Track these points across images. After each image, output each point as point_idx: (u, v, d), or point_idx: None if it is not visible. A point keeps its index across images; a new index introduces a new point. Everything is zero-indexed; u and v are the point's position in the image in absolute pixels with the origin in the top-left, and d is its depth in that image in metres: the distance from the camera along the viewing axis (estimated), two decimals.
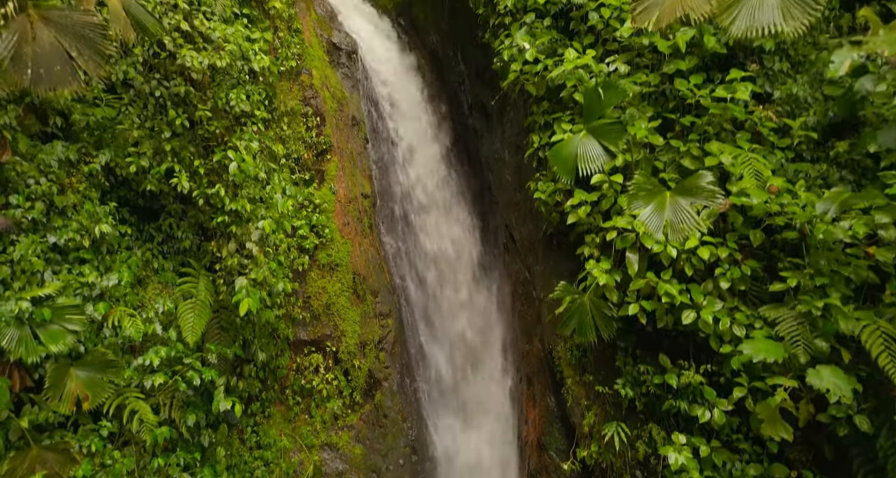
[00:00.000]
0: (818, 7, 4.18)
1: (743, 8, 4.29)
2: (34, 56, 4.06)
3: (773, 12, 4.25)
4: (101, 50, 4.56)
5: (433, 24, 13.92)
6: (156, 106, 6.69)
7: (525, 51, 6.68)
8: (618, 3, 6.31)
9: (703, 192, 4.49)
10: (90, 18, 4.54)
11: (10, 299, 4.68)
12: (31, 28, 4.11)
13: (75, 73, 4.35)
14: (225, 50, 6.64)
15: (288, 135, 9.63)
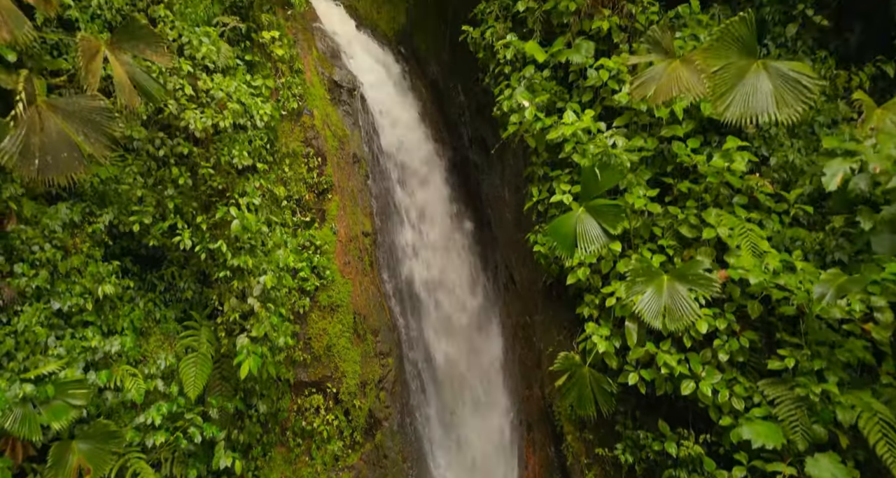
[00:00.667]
0: (811, 96, 4.26)
1: (737, 94, 4.37)
2: (41, 145, 4.14)
3: (767, 99, 4.33)
4: (108, 132, 4.65)
5: (434, 54, 14.07)
6: (159, 164, 6.78)
7: (524, 109, 6.77)
8: (614, 66, 6.41)
9: (700, 280, 4.56)
10: (97, 103, 4.63)
11: (14, 382, 4.74)
12: (40, 118, 4.20)
13: (82, 158, 4.43)
14: (228, 109, 6.74)
15: (289, 176, 9.71)
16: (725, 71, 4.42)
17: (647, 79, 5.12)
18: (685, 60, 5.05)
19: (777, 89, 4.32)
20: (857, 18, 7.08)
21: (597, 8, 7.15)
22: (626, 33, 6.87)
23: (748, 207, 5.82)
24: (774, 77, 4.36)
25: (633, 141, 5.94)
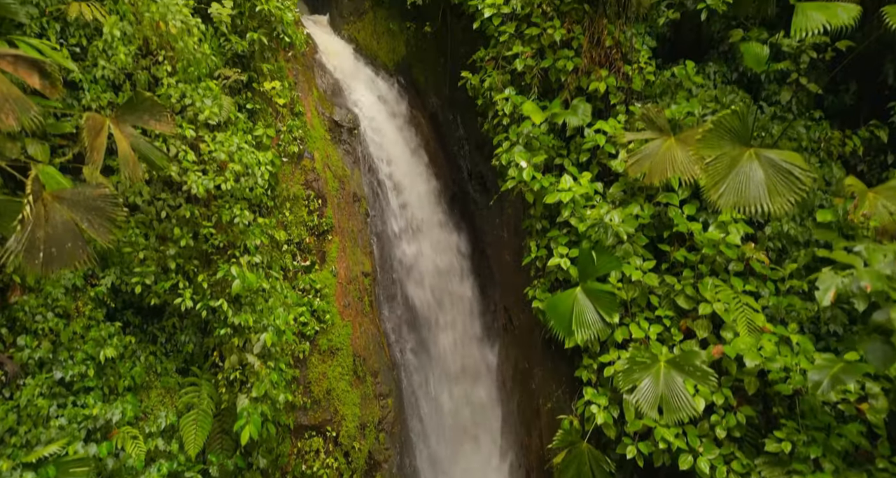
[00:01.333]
0: (804, 187, 4.35)
1: (730, 184, 4.46)
2: (46, 238, 4.22)
3: (760, 189, 4.42)
4: (112, 217, 4.74)
5: (433, 87, 14.18)
6: (160, 221, 6.86)
7: (522, 169, 6.86)
8: (611, 131, 6.51)
9: (697, 372, 4.63)
10: (102, 191, 4.72)
11: (16, 468, 4.80)
12: (45, 211, 4.29)
13: (85, 245, 4.51)
14: (229, 169, 6.84)
15: (290, 220, 9.80)
16: (719, 161, 4.51)
17: (642, 156, 5.21)
18: (680, 140, 5.14)
19: (769, 179, 4.41)
20: (852, 77, 7.19)
21: (593, 67, 7.26)
22: (623, 94, 6.97)
23: (744, 273, 5.90)
24: (767, 167, 4.45)
25: (629, 208, 6.02)
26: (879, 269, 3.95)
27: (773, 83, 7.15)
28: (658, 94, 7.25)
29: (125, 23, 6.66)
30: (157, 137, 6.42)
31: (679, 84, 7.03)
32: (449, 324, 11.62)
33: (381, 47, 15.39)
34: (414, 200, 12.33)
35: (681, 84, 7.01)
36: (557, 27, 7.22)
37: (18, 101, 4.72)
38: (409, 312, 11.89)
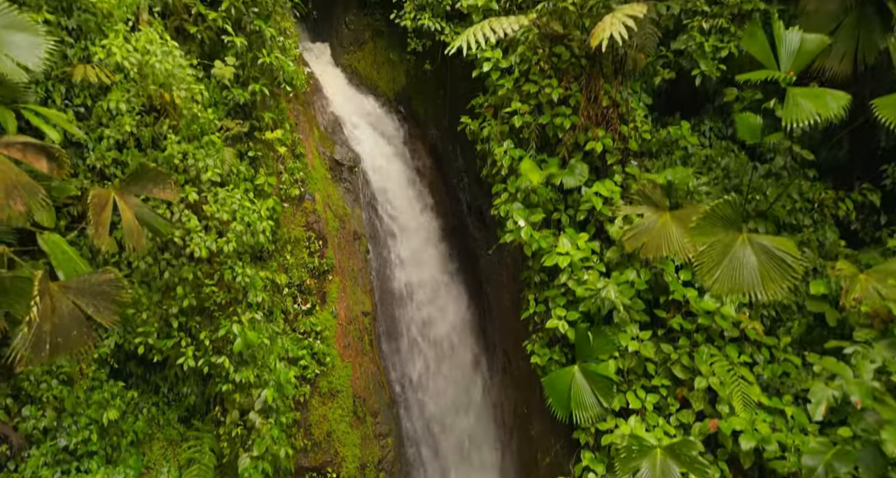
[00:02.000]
0: (796, 275, 4.43)
1: (724, 269, 4.55)
2: (52, 330, 4.31)
3: (754, 275, 4.50)
4: (117, 299, 4.82)
5: (433, 118, 14.29)
6: (164, 285, 6.95)
7: (521, 228, 6.95)
8: (608, 193, 6.60)
9: (696, 464, 4.69)
10: (107, 276, 4.81)
11: None
12: (52, 302, 4.37)
13: (90, 330, 4.60)
14: (232, 230, 6.93)
15: (291, 263, 9.88)
16: (713, 248, 4.60)
17: (638, 231, 5.30)
18: (675, 217, 5.23)
19: (762, 265, 4.50)
20: (846, 137, 7.26)
21: (591, 124, 7.36)
22: (619, 154, 7.06)
23: (739, 340, 5.98)
24: (760, 253, 4.54)
25: (625, 273, 6.10)
26: (868, 381, 4.02)
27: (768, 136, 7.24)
28: (655, 151, 7.36)
29: (129, 83, 6.75)
30: (161, 203, 6.51)
31: (675, 142, 7.13)
32: (448, 359, 11.68)
33: (381, 77, 15.50)
34: (414, 235, 12.42)
35: (676, 143, 7.11)
36: (555, 87, 7.33)
37: (27, 187, 4.82)
38: (408, 346, 11.97)
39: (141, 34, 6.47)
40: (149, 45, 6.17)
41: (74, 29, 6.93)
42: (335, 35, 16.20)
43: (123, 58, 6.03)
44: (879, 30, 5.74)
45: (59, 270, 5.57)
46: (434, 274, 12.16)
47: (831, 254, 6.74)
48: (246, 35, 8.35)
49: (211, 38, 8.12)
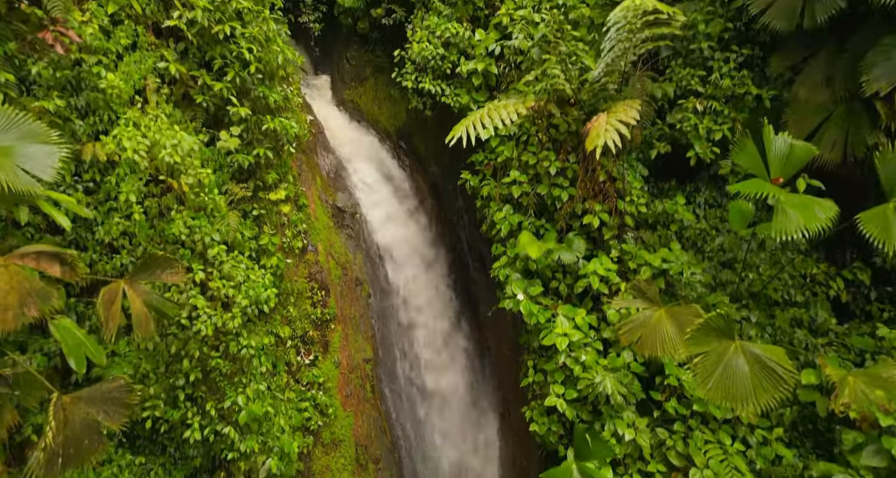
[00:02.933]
0: (788, 386, 4.56)
1: (718, 379, 4.67)
2: (65, 442, 4.43)
3: (746, 385, 4.63)
4: (126, 402, 4.95)
5: (434, 156, 14.40)
6: (171, 358, 7.08)
7: (519, 301, 7.07)
8: (604, 272, 6.72)
9: None
10: (117, 383, 4.94)
11: None
12: (64, 415, 4.50)
13: (101, 435, 4.72)
14: (237, 304, 7.06)
15: (294, 315, 10.00)
16: (707, 358, 4.73)
17: (634, 325, 5.43)
18: (669, 313, 5.36)
19: (755, 375, 4.62)
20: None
21: (588, 194, 7.49)
22: (616, 229, 7.19)
23: (732, 421, 6.10)
24: (752, 362, 4.66)
25: (622, 356, 6.23)
26: None
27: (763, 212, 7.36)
28: (651, 223, 7.48)
29: (137, 156, 6.84)
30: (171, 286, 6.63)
31: (671, 216, 7.26)
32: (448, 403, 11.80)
33: (382, 112, 15.63)
34: (415, 276, 12.55)
35: (672, 217, 7.24)
36: (552, 160, 7.46)
37: (41, 293, 4.95)
38: (409, 386, 12.09)
39: (150, 121, 6.60)
40: (158, 135, 6.29)
41: (83, 106, 7.08)
42: (336, 69, 16.34)
43: (135, 151, 6.16)
44: (868, 126, 5.87)
45: (70, 357, 5.70)
46: (435, 316, 12.28)
47: (821, 329, 6.86)
48: (250, 100, 8.49)
49: (216, 104, 8.25)
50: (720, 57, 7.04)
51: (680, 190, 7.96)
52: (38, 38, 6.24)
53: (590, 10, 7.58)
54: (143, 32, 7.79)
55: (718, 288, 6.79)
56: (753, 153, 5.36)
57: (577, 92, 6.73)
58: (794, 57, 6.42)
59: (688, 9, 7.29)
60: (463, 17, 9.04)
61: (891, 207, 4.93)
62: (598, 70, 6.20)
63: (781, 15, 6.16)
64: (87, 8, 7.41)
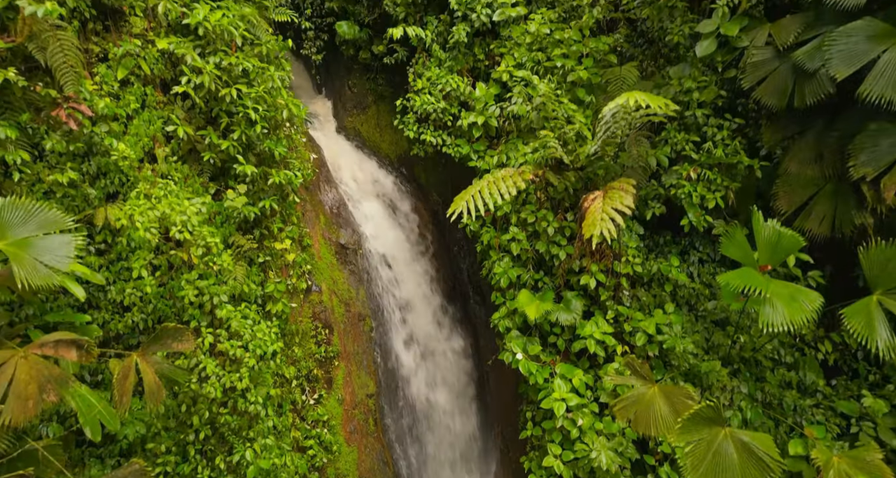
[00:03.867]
0: (774, 474, 4.75)
1: (707, 464, 4.86)
2: None
3: (734, 471, 4.82)
4: None
5: (435, 185, 14.55)
6: (182, 415, 7.27)
7: (518, 360, 7.26)
8: (600, 336, 6.90)
9: None
10: (133, 467, 5.14)
11: None
12: None
13: None
14: (245, 365, 7.25)
15: (299, 355, 10.20)
16: (698, 447, 4.91)
17: (628, 403, 5.61)
18: (662, 391, 5.54)
19: (743, 463, 4.81)
20: (828, 261, 7.54)
21: (585, 251, 7.66)
22: (612, 290, 7.37)
23: None
24: (740, 450, 4.85)
25: (617, 422, 6.42)
26: None
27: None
28: (647, 281, 7.65)
29: (148, 234, 6.99)
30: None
31: (665, 277, 7.42)
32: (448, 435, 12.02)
33: (383, 140, 15.76)
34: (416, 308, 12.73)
35: (667, 278, 7.40)
36: (550, 221, 7.62)
37: (59, 379, 5.14)
38: (410, 416, 12.30)
39: (160, 191, 6.75)
40: (168, 209, 6.45)
41: (94, 171, 7.22)
42: (338, 96, 16.42)
43: (146, 230, 6.32)
44: (855, 205, 6.02)
45: (86, 426, 5.90)
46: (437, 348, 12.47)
47: (811, 389, 7.05)
48: (256, 155, 8.64)
49: (223, 159, 8.39)
50: (714, 123, 7.18)
51: (675, 244, 8.12)
52: (52, 115, 6.38)
53: (587, 72, 7.71)
54: (151, 92, 7.93)
55: (711, 351, 6.97)
56: (743, 242, 5.53)
57: (575, 161, 6.88)
58: (785, 131, 6.57)
59: (682, 72, 7.43)
60: (463, 68, 9.17)
61: (874, 301, 5.10)
62: (595, 146, 6.35)
63: (772, 92, 6.31)
64: (97, 72, 7.56)
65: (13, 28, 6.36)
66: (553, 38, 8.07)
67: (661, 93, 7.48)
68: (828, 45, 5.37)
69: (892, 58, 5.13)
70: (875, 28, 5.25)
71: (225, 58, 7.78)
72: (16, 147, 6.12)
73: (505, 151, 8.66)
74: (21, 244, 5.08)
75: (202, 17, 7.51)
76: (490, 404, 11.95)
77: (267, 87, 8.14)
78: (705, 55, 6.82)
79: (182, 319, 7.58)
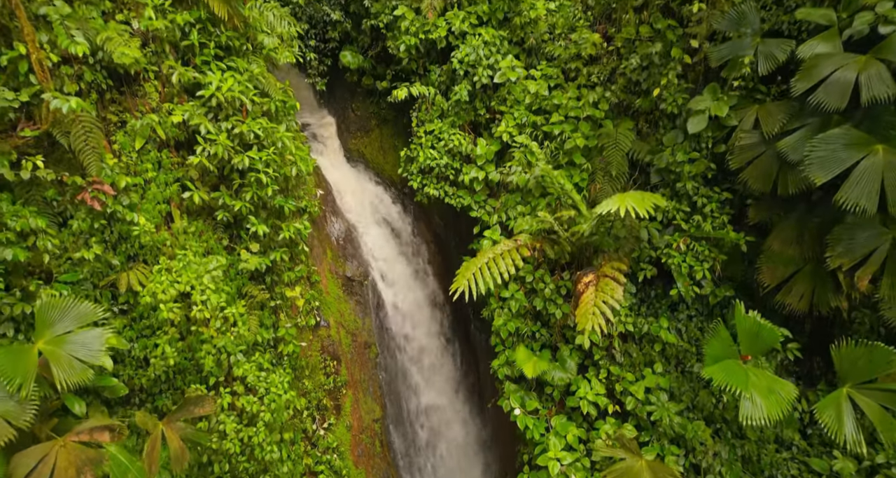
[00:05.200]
0: None
1: None
2: None
3: None
4: None
5: (437, 209, 14.76)
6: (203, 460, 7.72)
7: (516, 415, 7.66)
8: (593, 398, 7.28)
9: None
10: None
11: None
12: None
13: None
14: (261, 419, 7.66)
15: (309, 387, 10.64)
16: None
17: (617, 474, 6.02)
18: (649, 466, 5.94)
19: None
20: (816, 353, 7.77)
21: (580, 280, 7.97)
22: (605, 351, 7.72)
23: None
24: None
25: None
26: None
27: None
28: (639, 338, 7.99)
29: (171, 314, 7.26)
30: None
31: (656, 337, 7.75)
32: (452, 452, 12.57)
33: (387, 161, 15.93)
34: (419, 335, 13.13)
35: (657, 337, 7.73)
36: (547, 282, 7.92)
37: (93, 460, 5.54)
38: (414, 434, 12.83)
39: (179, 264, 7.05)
40: (189, 289, 6.77)
41: (116, 239, 7.51)
42: (342, 118, 16.49)
43: (169, 309, 6.64)
44: (832, 288, 6.31)
45: None
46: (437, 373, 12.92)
47: (787, 443, 7.46)
48: (267, 210, 8.89)
49: (236, 216, 8.64)
50: (704, 192, 7.42)
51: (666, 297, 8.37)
52: (78, 199, 6.64)
53: (584, 139, 7.92)
54: (166, 154, 8.15)
55: (696, 409, 7.35)
56: (726, 337, 5.84)
57: (570, 237, 7.15)
58: (769, 211, 6.81)
59: (676, 139, 7.62)
60: (465, 122, 9.35)
61: (843, 394, 5.44)
62: (589, 229, 6.62)
63: (758, 176, 6.54)
64: (115, 139, 7.78)
65: (38, 115, 6.58)
66: (552, 101, 8.25)
67: (654, 159, 7.70)
68: (809, 150, 5.60)
69: (867, 167, 5.36)
70: (852, 137, 5.47)
71: (237, 125, 7.97)
72: (46, 234, 6.40)
73: (504, 208, 8.91)
74: (58, 342, 5.42)
75: (215, 87, 7.68)
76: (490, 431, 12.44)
77: (277, 149, 8.35)
78: (696, 132, 7.02)
79: (201, 373, 7.97)
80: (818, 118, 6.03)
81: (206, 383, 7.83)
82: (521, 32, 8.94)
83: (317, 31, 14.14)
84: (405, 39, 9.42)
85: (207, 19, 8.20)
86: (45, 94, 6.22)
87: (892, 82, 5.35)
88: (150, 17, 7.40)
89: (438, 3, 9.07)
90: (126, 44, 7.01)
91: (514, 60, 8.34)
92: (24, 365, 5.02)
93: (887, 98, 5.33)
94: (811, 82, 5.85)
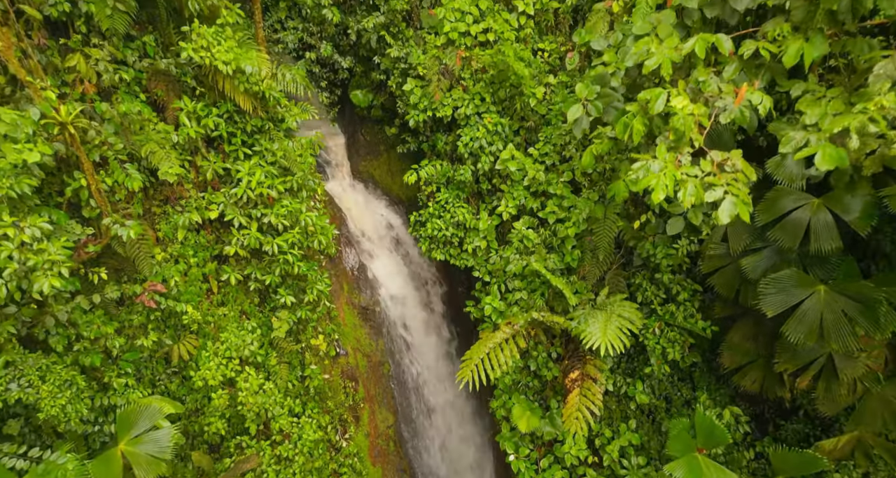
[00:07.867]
0: None
1: None
2: None
3: None
4: None
5: None
6: None
7: (511, 461, 8.69)
8: (576, 452, 8.26)
9: None
10: None
11: None
12: None
13: None
14: (296, 462, 8.68)
15: (331, 407, 11.74)
16: None
17: None
18: None
19: None
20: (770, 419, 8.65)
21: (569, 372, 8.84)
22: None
23: None
24: None
25: None
26: None
27: None
28: (618, 396, 8.89)
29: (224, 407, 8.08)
30: None
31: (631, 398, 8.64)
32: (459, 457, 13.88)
33: (395, 183, 16.31)
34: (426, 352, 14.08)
35: (633, 398, 8.62)
36: (541, 351, 8.71)
37: None
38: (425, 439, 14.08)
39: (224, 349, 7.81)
40: (234, 375, 7.56)
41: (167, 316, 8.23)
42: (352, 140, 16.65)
43: (219, 397, 7.46)
44: (778, 382, 7.08)
45: None
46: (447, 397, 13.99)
47: None
48: (293, 277, 9.54)
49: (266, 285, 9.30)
50: (678, 280, 8.06)
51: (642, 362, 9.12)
52: (137, 301, 7.30)
53: (575, 228, 8.44)
54: (203, 235, 8.72)
55: (661, 460, 8.36)
56: (685, 436, 6.67)
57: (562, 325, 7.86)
58: (732, 309, 7.49)
59: (657, 230, 8.16)
60: (469, 195, 9.81)
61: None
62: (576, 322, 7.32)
63: (723, 284, 7.16)
64: (159, 228, 8.34)
65: (98, 230, 7.12)
66: (547, 188, 8.70)
67: (638, 246, 8.27)
68: (763, 287, 6.20)
69: (810, 306, 5.98)
70: (799, 279, 6.05)
71: (265, 212, 8.47)
72: (114, 338, 7.11)
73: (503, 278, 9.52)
74: (135, 442, 6.27)
75: (245, 184, 8.13)
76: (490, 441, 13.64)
77: (301, 228, 8.89)
78: (674, 234, 7.57)
79: (244, 424, 8.89)
80: (776, 245, 6.59)
81: (249, 434, 8.81)
82: (522, 113, 9.24)
83: (327, 70, 14.15)
84: (414, 115, 9.71)
85: (234, 110, 8.51)
86: (106, 219, 6.74)
87: (836, 236, 5.87)
88: (184, 124, 7.76)
89: (444, 83, 9.29)
90: (167, 157, 7.40)
91: (514, 150, 8.72)
92: (114, 471, 5.90)
93: (830, 251, 5.87)
94: (772, 216, 6.35)
